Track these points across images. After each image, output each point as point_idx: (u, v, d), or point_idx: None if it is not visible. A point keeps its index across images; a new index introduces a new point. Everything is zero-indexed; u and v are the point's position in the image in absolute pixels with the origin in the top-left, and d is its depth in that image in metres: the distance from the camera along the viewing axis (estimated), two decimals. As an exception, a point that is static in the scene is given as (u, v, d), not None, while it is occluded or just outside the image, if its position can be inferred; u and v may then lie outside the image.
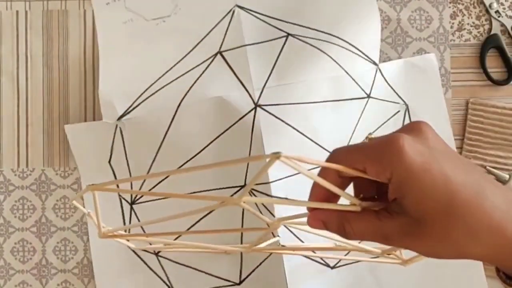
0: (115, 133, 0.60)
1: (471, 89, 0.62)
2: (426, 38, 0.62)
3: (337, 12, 0.60)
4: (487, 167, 0.60)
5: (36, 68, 0.62)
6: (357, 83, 0.60)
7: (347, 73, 0.59)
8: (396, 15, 0.62)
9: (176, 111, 0.59)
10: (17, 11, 0.62)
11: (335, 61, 0.59)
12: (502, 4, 0.62)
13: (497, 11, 0.62)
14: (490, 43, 0.62)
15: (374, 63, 0.61)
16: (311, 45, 0.59)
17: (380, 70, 0.61)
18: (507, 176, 0.59)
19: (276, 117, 0.58)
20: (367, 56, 0.60)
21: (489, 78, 0.62)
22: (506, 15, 0.62)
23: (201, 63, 0.60)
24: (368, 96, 0.60)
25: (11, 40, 0.62)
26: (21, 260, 0.61)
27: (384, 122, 0.60)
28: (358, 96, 0.60)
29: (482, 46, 0.62)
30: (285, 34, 0.60)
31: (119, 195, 0.60)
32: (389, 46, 0.62)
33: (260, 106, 0.58)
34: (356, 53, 0.60)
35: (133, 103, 0.60)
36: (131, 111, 0.60)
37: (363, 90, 0.60)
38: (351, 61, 0.60)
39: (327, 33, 0.60)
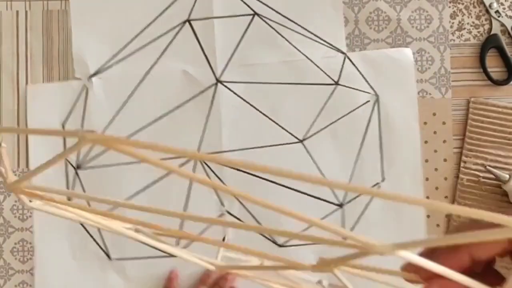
0: (80, 93, 0.61)
1: (471, 89, 0.62)
2: (426, 38, 0.62)
3: (304, 3, 0.62)
4: (488, 167, 0.60)
5: (36, 68, 0.62)
6: (321, 69, 0.61)
7: (308, 58, 0.61)
8: (396, 15, 0.62)
9: (142, 79, 0.61)
10: (17, 11, 0.62)
11: (295, 47, 0.61)
12: (502, 4, 0.62)
13: (497, 11, 0.62)
14: (490, 43, 0.62)
15: (342, 52, 0.61)
16: (274, 29, 0.61)
17: (349, 59, 0.61)
18: (507, 176, 0.58)
19: (236, 94, 0.61)
20: (331, 45, 0.61)
21: (489, 78, 0.62)
22: (506, 15, 0.62)
23: (171, 30, 0.61)
24: (336, 83, 0.61)
25: (11, 40, 0.62)
26: (21, 260, 0.61)
27: (353, 110, 0.61)
28: (323, 82, 0.61)
29: (482, 46, 0.62)
30: (252, 12, 0.61)
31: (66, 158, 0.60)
32: (389, 46, 0.62)
33: (221, 82, 0.61)
34: (318, 42, 0.61)
35: (106, 63, 0.61)
36: (103, 71, 0.61)
37: (329, 77, 0.61)
38: (312, 48, 0.61)
39: (291, 20, 0.61)
